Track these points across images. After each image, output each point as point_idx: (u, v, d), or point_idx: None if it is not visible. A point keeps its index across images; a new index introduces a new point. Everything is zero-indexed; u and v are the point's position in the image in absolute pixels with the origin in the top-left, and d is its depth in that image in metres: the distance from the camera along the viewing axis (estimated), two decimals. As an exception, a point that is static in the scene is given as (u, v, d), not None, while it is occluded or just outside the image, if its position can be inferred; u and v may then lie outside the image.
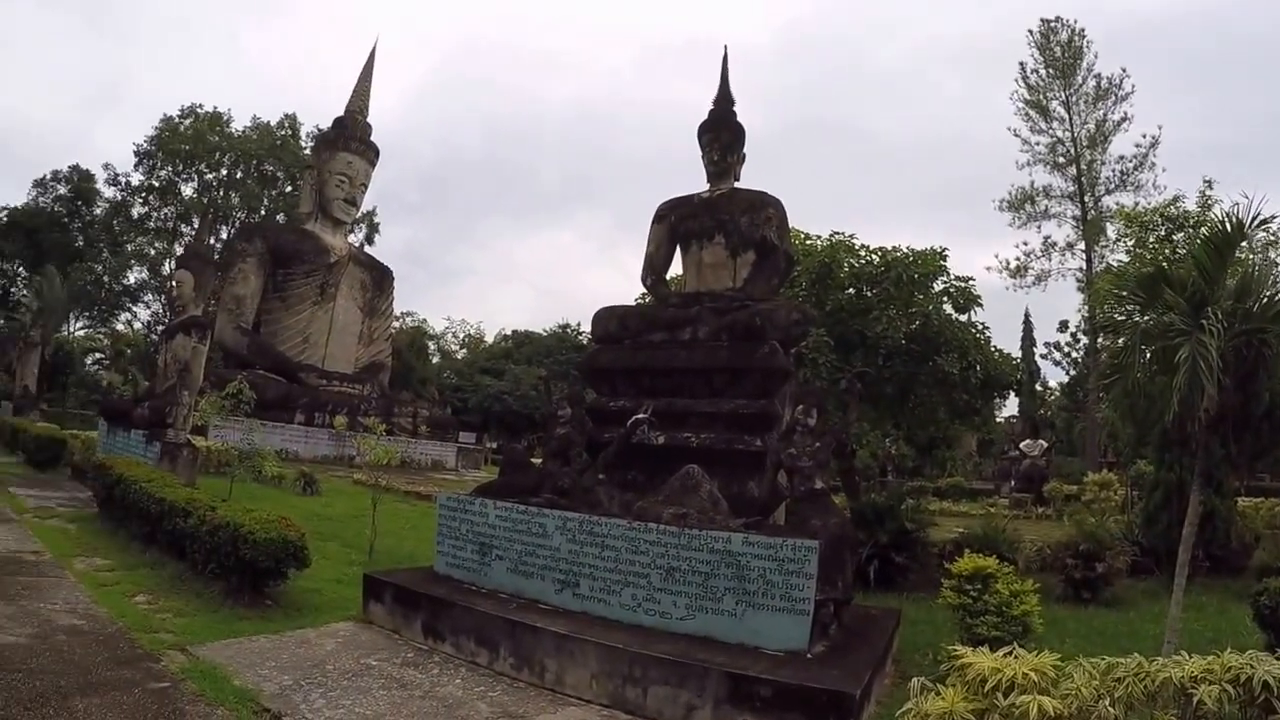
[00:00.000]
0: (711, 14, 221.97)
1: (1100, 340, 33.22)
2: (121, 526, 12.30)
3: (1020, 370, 25.08)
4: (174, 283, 21.14)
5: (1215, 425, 7.97)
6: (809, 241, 17.72)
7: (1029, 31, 43.27)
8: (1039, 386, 64.56)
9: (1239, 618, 9.99)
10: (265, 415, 28.20)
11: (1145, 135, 40.32)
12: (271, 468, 20.21)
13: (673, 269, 12.92)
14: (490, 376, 70.72)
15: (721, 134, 11.72)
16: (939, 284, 17.78)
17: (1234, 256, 8.55)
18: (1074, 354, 56.83)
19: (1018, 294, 44.17)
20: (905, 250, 17.57)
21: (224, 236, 59.46)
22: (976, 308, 18.04)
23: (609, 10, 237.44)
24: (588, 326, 13.30)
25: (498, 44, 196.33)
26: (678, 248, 12.06)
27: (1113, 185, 40.95)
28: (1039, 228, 42.94)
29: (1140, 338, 8.38)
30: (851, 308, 16.83)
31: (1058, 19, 42.63)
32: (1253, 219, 7.85)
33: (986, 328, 17.99)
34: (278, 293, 39.74)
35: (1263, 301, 7.99)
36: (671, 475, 8.52)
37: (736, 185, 11.78)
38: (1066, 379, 61.43)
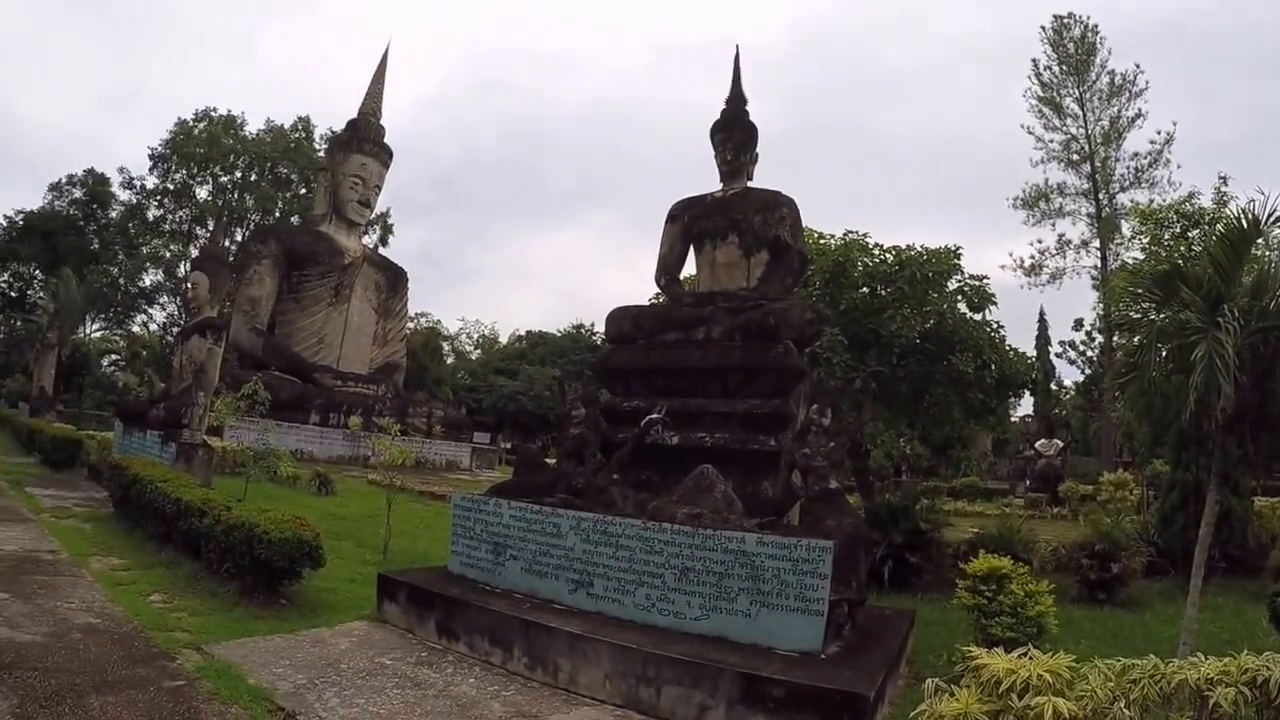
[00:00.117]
0: (722, 13, 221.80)
1: (1116, 339, 33.07)
2: (137, 526, 12.35)
3: (1035, 369, 25.03)
4: (189, 285, 21.23)
5: (1232, 424, 7.92)
6: (823, 241, 17.69)
7: (1041, 28, 43.01)
8: (1054, 385, 64.24)
9: (1255, 619, 9.92)
10: (280, 416, 28.34)
11: (1160, 131, 40.07)
12: (286, 468, 20.26)
13: (686, 269, 12.92)
14: (504, 377, 70.83)
15: (734, 133, 11.71)
16: (953, 283, 17.75)
17: (1250, 253, 8.47)
18: (1089, 353, 56.59)
19: (1032, 292, 43.91)
20: (919, 249, 17.54)
21: (239, 238, 59.67)
22: (991, 306, 18.01)
23: (620, 11, 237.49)
24: (602, 327, 13.30)
25: (510, 45, 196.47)
26: (691, 248, 12.05)
27: (1127, 182, 40.68)
28: (1053, 225, 42.67)
29: (1156, 336, 8.32)
30: (865, 307, 16.80)
31: (1070, 15, 42.43)
32: (1269, 215, 7.79)
33: (1001, 326, 17.97)
34: (292, 294, 39.87)
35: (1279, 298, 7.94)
36: (686, 475, 8.52)
37: (749, 185, 11.77)
38: (1082, 378, 61.18)
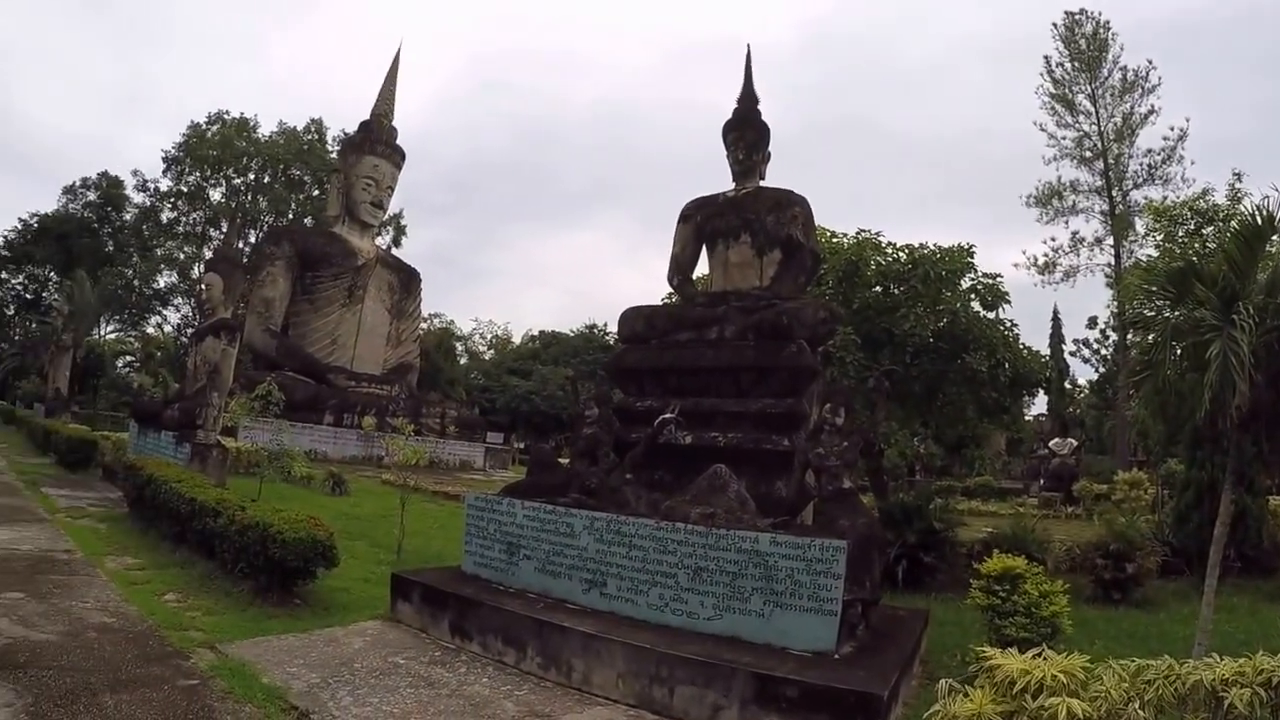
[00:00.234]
0: (733, 12, 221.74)
1: (1130, 337, 32.89)
2: (152, 526, 12.42)
3: (1049, 368, 24.96)
4: (203, 286, 21.24)
5: (1247, 423, 7.89)
6: (835, 240, 17.66)
7: (1053, 24, 42.97)
8: (1068, 384, 63.88)
9: (1271, 619, 9.91)
10: (294, 416, 28.44)
11: (1173, 128, 39.97)
12: (300, 468, 20.33)
13: (699, 269, 12.91)
14: (517, 377, 70.92)
15: (746, 133, 11.69)
16: (966, 281, 17.70)
17: (1265, 250, 8.45)
18: (1103, 351, 56.37)
19: (1046, 290, 43.86)
20: (932, 247, 17.50)
21: (252, 240, 59.94)
22: (1004, 305, 17.96)
23: (631, 10, 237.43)
24: (614, 327, 13.31)
25: (519, 45, 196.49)
26: (704, 247, 12.04)
27: (1141, 179, 40.62)
28: (1067, 223, 42.63)
29: (1170, 334, 8.28)
30: (879, 305, 16.76)
31: (1082, 11, 42.32)
32: (1284, 212, 7.76)
33: (1015, 325, 17.89)
34: (306, 295, 40.03)
35: (1294, 296, 7.89)
36: (699, 475, 8.50)
37: (762, 184, 11.75)
38: (1096, 376, 60.95)
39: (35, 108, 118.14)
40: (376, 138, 44.13)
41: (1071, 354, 61.79)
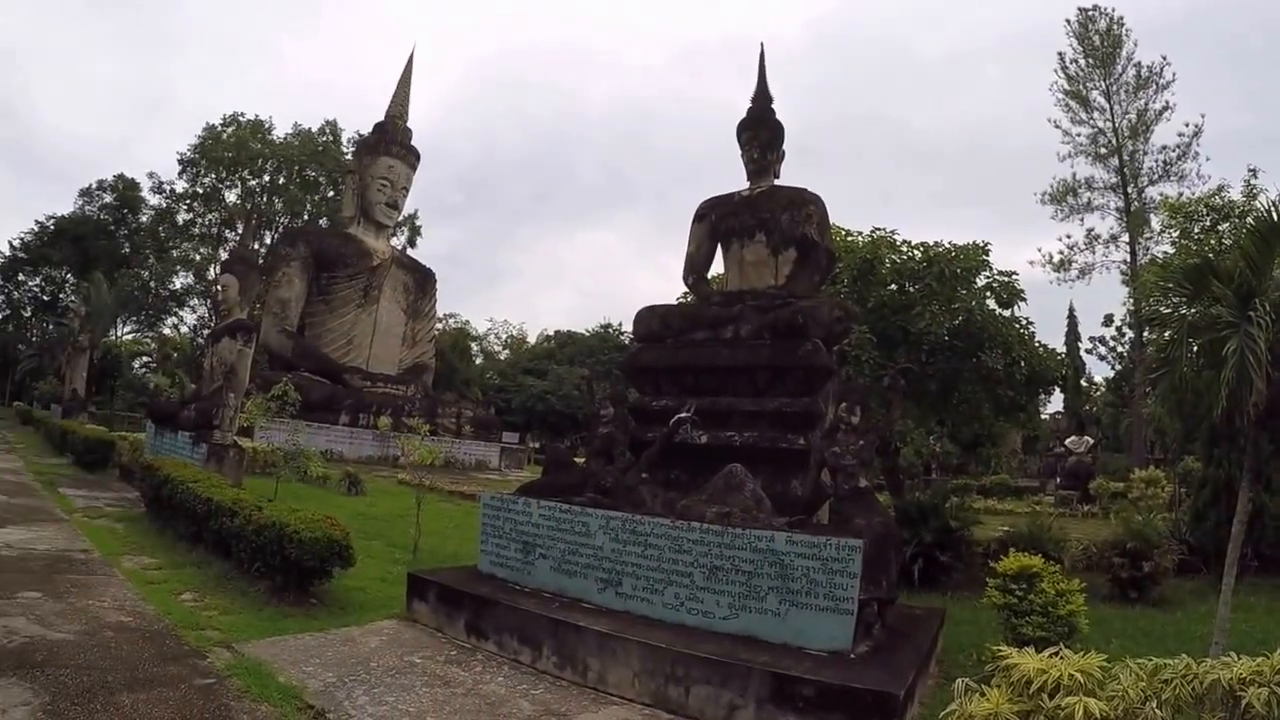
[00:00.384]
0: (746, 9, 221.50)
1: (1146, 334, 32.73)
2: (169, 526, 12.48)
3: (1065, 366, 24.81)
4: (219, 287, 21.35)
5: (1264, 420, 7.85)
6: (850, 238, 17.60)
7: (1067, 21, 42.76)
8: (1084, 382, 63.66)
9: (1290, 617, 9.86)
10: (310, 416, 28.59)
11: (1188, 124, 39.69)
12: (316, 468, 20.42)
13: (714, 268, 12.90)
14: (533, 377, 71.04)
15: (760, 132, 11.66)
16: (982, 279, 17.59)
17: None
18: (1119, 348, 56.08)
19: (1062, 288, 43.64)
20: (947, 246, 17.42)
21: (268, 241, 60.12)
22: (1020, 303, 17.87)
23: (644, 8, 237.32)
24: (629, 326, 13.31)
25: (534, 45, 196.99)
26: (719, 246, 12.02)
27: (1156, 176, 40.34)
28: (1082, 220, 42.36)
29: (1187, 331, 8.24)
30: (894, 304, 16.67)
31: (1095, 7, 42.10)
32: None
33: (1030, 323, 17.74)
34: (321, 296, 40.17)
35: (1312, 292, 7.85)
36: (714, 474, 8.50)
37: (776, 183, 11.71)
38: (1112, 374, 60.69)
39: (51, 111, 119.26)
40: (391, 138, 44.25)
41: (1088, 352, 61.59)
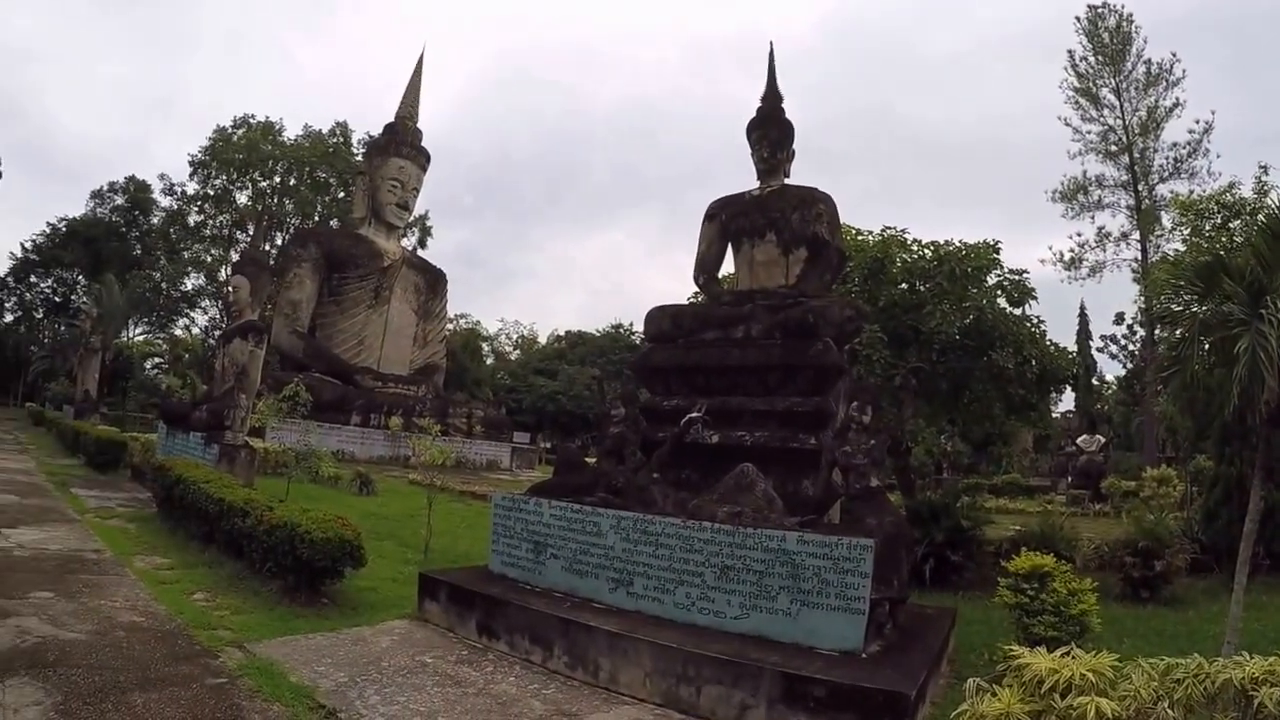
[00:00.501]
0: (756, 6, 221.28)
1: (1157, 332, 32.58)
2: (180, 526, 12.53)
3: (1076, 364, 24.77)
4: (230, 288, 21.43)
5: (1276, 418, 7.82)
6: (860, 237, 17.58)
7: (1076, 18, 42.59)
8: (1095, 380, 63.45)
9: (1302, 617, 9.82)
10: (321, 417, 28.64)
11: (1198, 121, 39.47)
12: (328, 468, 20.50)
13: (725, 268, 12.89)
14: (544, 377, 71.12)
15: (770, 131, 11.65)
16: (992, 278, 17.56)
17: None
18: (1131, 347, 55.76)
19: (1073, 286, 43.43)
20: (958, 244, 17.38)
21: (279, 242, 60.41)
22: (1031, 301, 17.82)
23: (650, 7, 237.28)
24: (640, 326, 13.33)
25: (541, 44, 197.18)
26: (729, 246, 12.01)
27: (1166, 173, 40.14)
28: (1093, 218, 42.21)
29: (1198, 329, 8.21)
30: (905, 303, 16.64)
31: (1105, 4, 41.94)
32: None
33: (1042, 321, 17.69)
34: (333, 297, 40.28)
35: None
36: (726, 474, 8.51)
37: (786, 182, 11.70)
38: (1123, 372, 60.36)
39: (63, 114, 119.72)
40: (401, 139, 44.35)
41: (1099, 350, 61.11)
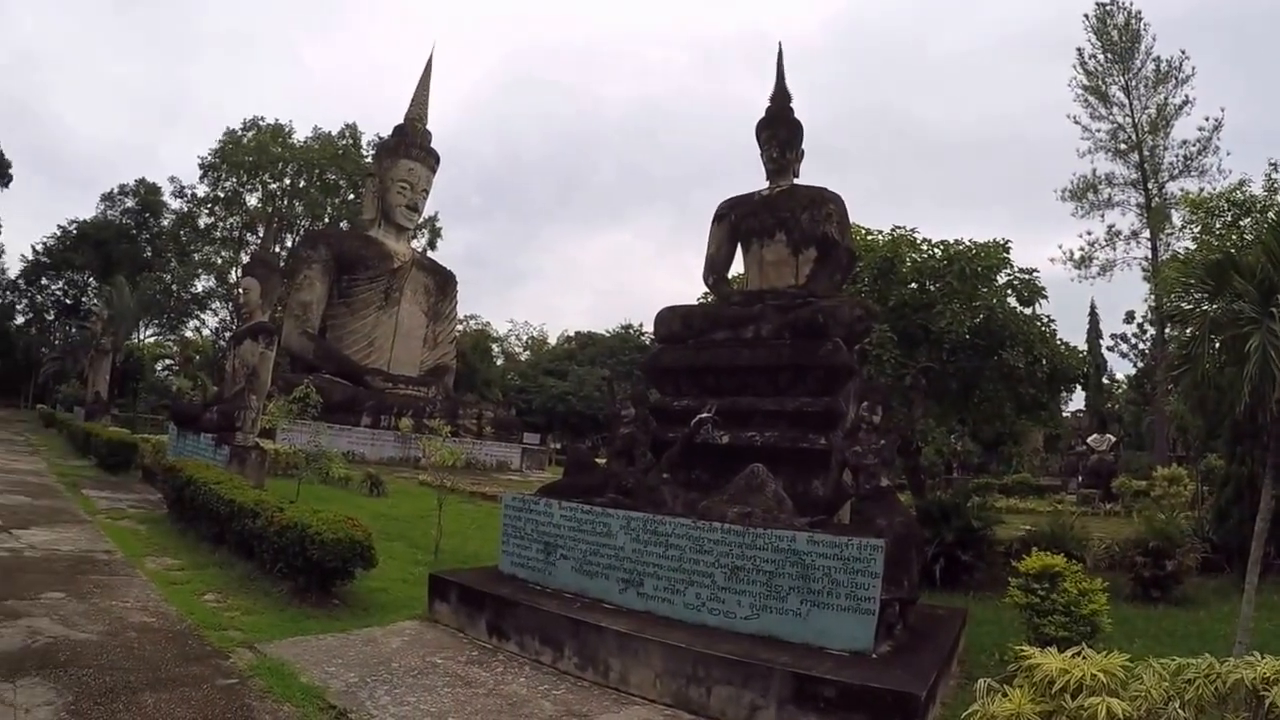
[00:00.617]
0: (764, 6, 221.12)
1: (1168, 331, 32.44)
2: (191, 527, 12.56)
3: (1087, 363, 24.65)
4: (240, 290, 21.46)
5: (1288, 416, 7.79)
6: (870, 237, 17.56)
7: (1085, 16, 42.42)
8: (1106, 379, 63.25)
9: (1314, 617, 9.78)
10: (332, 418, 28.70)
11: (1208, 118, 39.21)
12: (338, 469, 20.54)
13: (734, 268, 12.89)
14: (554, 378, 71.23)
15: (779, 131, 11.64)
16: (1002, 277, 17.52)
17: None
18: (1141, 345, 55.58)
19: (1083, 285, 43.20)
20: (968, 243, 17.35)
21: (289, 244, 60.45)
22: (1041, 300, 17.78)
23: (657, 6, 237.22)
24: (650, 326, 13.33)
25: (551, 46, 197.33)
26: (739, 246, 12.01)
27: (1176, 171, 39.86)
28: (1102, 216, 41.89)
29: (1209, 327, 8.18)
30: (914, 302, 16.60)
31: (1113, 1, 41.78)
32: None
33: (1052, 320, 17.65)
34: (343, 298, 40.38)
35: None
36: (736, 474, 8.50)
37: (796, 182, 11.69)
38: (1134, 371, 60.15)
39: (73, 117, 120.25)
40: (411, 141, 44.43)
41: (1109, 349, 60.97)
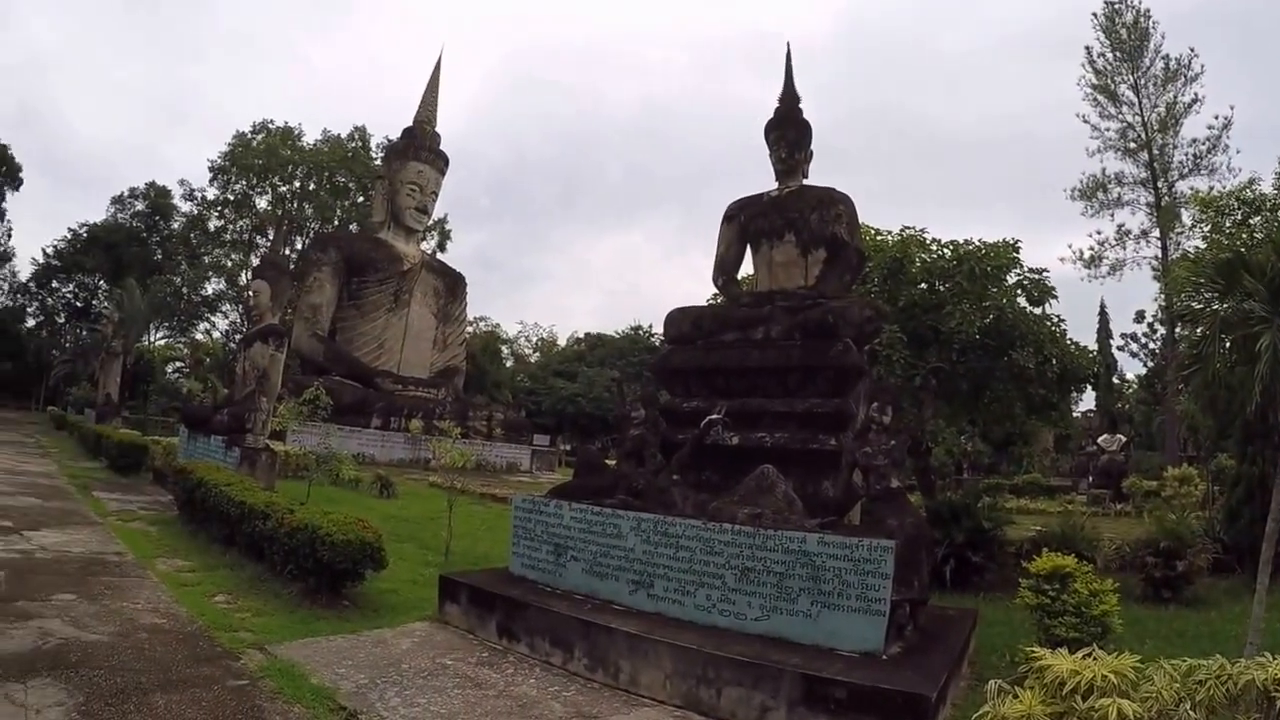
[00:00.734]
0: (764, 6, 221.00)
1: (1178, 330, 32.43)
2: (202, 529, 12.61)
3: (1097, 363, 24.59)
4: (251, 292, 21.52)
5: (1299, 416, 7.78)
6: (879, 237, 17.54)
7: (1093, 14, 42.30)
8: (1116, 379, 63.11)
9: (1325, 617, 9.73)
10: (342, 420, 28.78)
11: (1217, 116, 39.05)
12: (348, 471, 20.59)
13: (744, 269, 12.89)
14: (563, 379, 71.25)
15: (788, 132, 11.63)
16: (1012, 277, 17.49)
17: (1314, 239, 8.33)
18: (1151, 345, 55.57)
19: (1093, 284, 43.03)
20: (977, 244, 17.33)
21: (299, 247, 60.67)
22: (1051, 300, 17.74)
23: (662, 7, 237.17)
24: (659, 328, 13.35)
25: (555, 47, 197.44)
26: (748, 247, 12.00)
27: (1186, 169, 39.70)
28: (1112, 216, 41.78)
29: (1219, 326, 8.16)
30: (924, 303, 16.58)
31: (1122, 0, 41.65)
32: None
33: (1062, 320, 17.60)
34: (353, 300, 40.47)
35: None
36: (746, 476, 8.50)
37: (805, 182, 11.68)
38: (1144, 371, 60.09)
39: (77, 118, 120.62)
40: (420, 144, 44.52)
41: (1119, 349, 61.04)
